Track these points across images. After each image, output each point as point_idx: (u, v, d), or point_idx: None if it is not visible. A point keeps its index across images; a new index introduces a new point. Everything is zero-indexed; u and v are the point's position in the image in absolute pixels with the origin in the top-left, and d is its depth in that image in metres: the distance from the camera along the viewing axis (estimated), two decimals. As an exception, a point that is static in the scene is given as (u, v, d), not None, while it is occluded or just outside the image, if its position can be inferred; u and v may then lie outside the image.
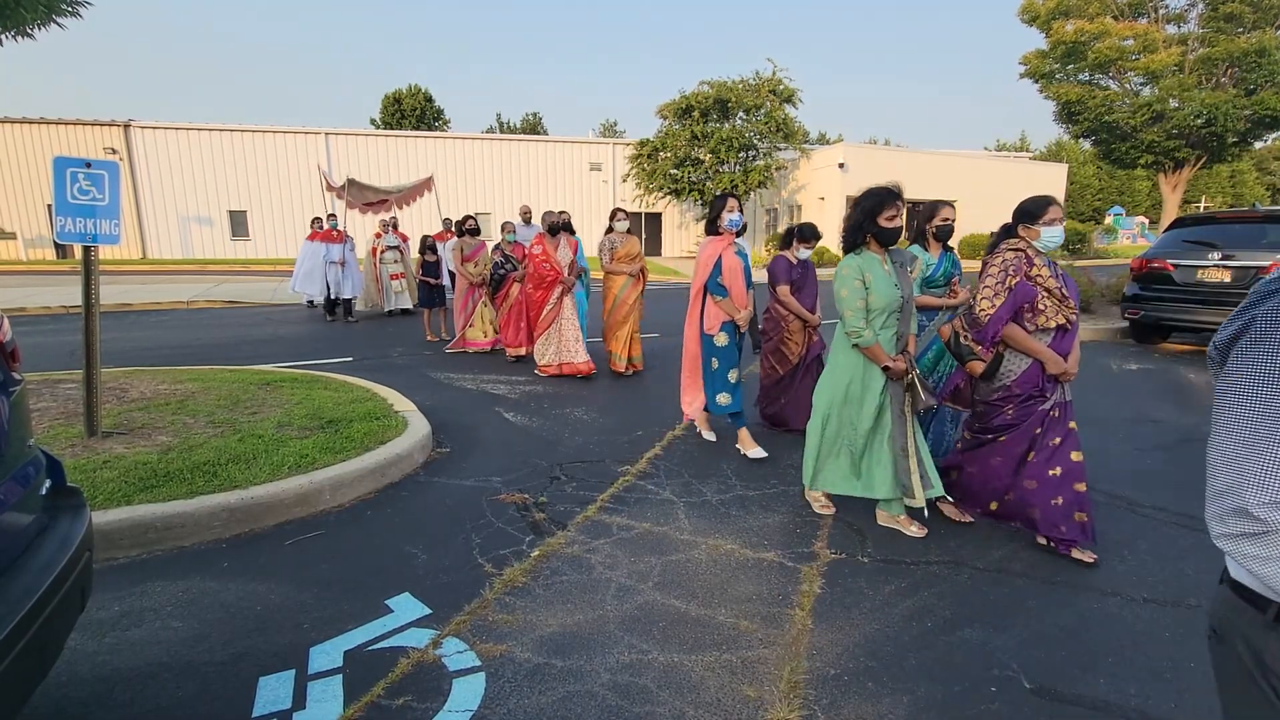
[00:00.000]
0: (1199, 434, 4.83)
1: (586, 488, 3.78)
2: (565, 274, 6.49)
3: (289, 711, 1.99)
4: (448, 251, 9.11)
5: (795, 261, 4.79)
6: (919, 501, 3.06)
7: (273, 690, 2.08)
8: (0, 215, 24.44)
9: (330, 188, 11.45)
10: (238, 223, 26.78)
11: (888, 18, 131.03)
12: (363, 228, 18.70)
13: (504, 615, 2.50)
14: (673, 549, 3.06)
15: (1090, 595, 2.68)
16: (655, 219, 30.27)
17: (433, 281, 9.11)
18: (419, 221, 18.30)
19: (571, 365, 6.51)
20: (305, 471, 3.53)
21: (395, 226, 11.58)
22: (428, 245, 9.36)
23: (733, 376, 4.33)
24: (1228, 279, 7.42)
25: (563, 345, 6.53)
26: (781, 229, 29.48)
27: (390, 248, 11.20)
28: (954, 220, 3.68)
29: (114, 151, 24.48)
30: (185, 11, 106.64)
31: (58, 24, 7.32)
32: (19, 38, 7.19)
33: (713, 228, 4.35)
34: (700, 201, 26.26)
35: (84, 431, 3.87)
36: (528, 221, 8.86)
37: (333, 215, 11.07)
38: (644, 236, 28.89)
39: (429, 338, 8.90)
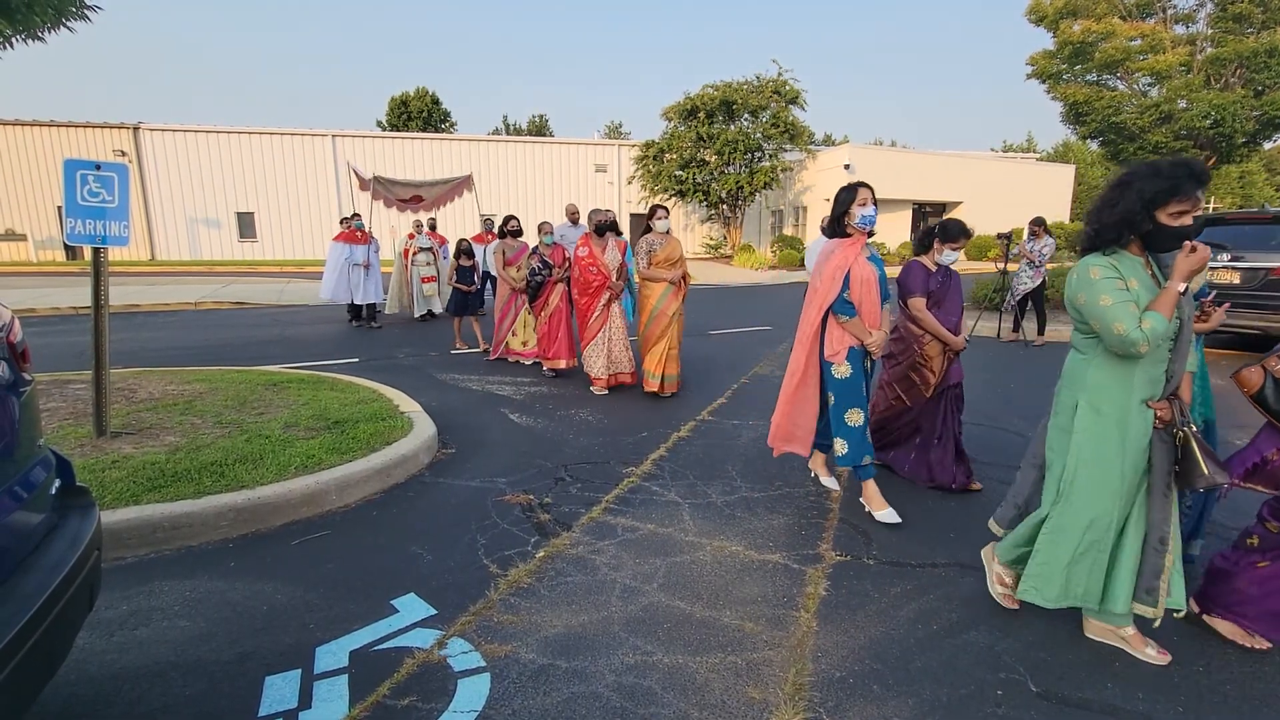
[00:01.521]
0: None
1: (591, 489, 3.79)
2: (613, 278, 5.97)
3: (295, 711, 2.00)
4: (488, 254, 8.45)
5: (935, 268, 3.85)
6: (1157, 612, 2.22)
7: (279, 690, 2.09)
8: (10, 217, 24.66)
9: (364, 186, 10.78)
10: (245, 224, 26.94)
11: (893, 18, 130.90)
12: (387, 224, 18.65)
13: (509, 616, 2.51)
14: (678, 550, 3.06)
15: (1097, 598, 2.66)
16: (660, 220, 30.31)
17: (466, 288, 8.46)
18: (448, 222, 18.26)
19: (620, 376, 6.07)
20: (311, 472, 3.54)
21: (434, 228, 11.11)
22: (463, 249, 8.71)
23: (853, 418, 3.39)
24: (1237, 280, 7.38)
25: (613, 355, 6.02)
26: (790, 230, 29.51)
27: (423, 249, 10.69)
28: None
29: (123, 154, 24.67)
30: (191, 15, 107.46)
31: (67, 27, 7.40)
32: (29, 41, 7.27)
33: (838, 227, 3.43)
34: (705, 203, 26.23)
35: (93, 431, 3.90)
36: (575, 222, 8.24)
37: (357, 215, 10.41)
38: (649, 238, 28.87)
39: (458, 345, 8.38)
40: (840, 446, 3.42)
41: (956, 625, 2.48)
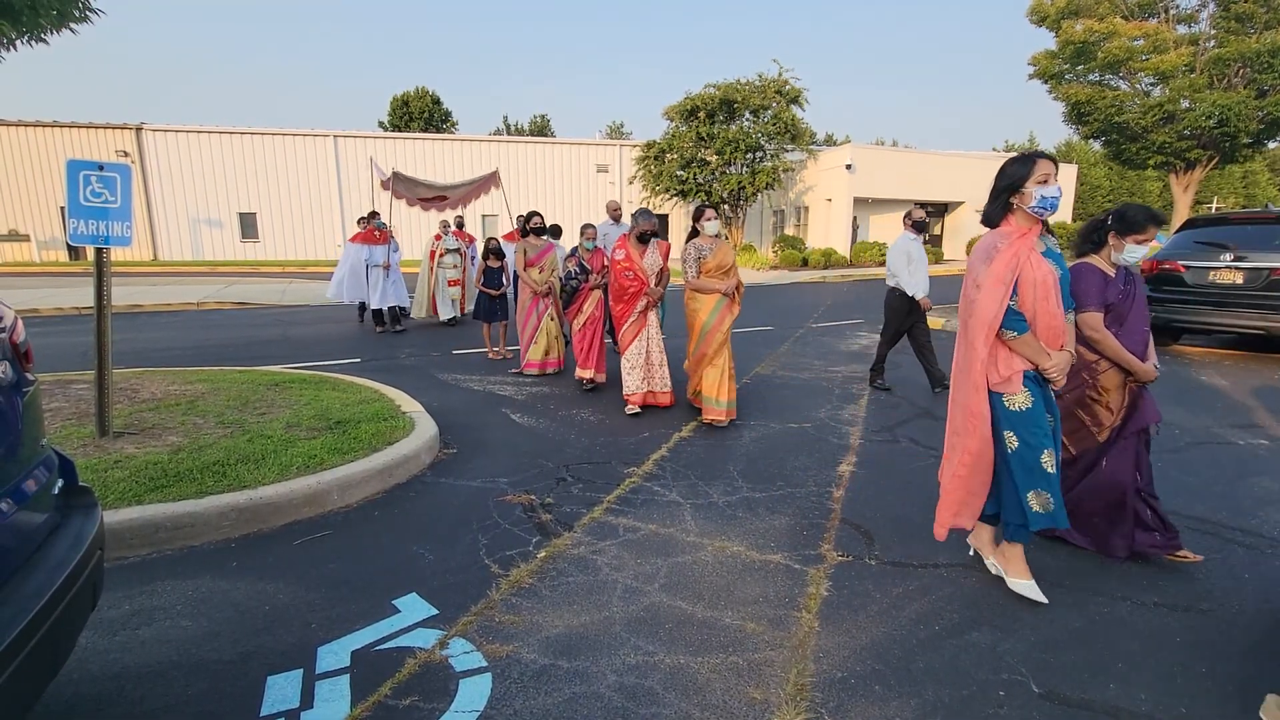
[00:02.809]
0: (1210, 437, 4.78)
1: (593, 489, 3.78)
2: (651, 284, 5.36)
3: (297, 710, 2.00)
4: (513, 254, 7.71)
5: (1113, 272, 2.88)
6: None
7: (281, 689, 2.10)
8: (14, 217, 24.73)
9: (385, 185, 10.34)
10: (247, 225, 27.01)
11: (894, 19, 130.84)
12: (413, 223, 18.26)
13: (510, 616, 2.51)
14: (679, 551, 3.06)
15: (1100, 599, 2.66)
16: (661, 220, 30.37)
17: (494, 292, 7.70)
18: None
19: (655, 396, 5.48)
20: (313, 472, 3.55)
21: (460, 227, 10.61)
22: (492, 249, 7.89)
23: (1049, 462, 2.52)
24: (1240, 280, 7.35)
25: (650, 371, 5.46)
26: (791, 230, 29.42)
27: (450, 250, 10.20)
28: None
29: (126, 154, 24.73)
30: (193, 16, 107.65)
31: (70, 29, 7.41)
32: (33, 42, 7.28)
33: (1001, 211, 2.59)
34: (706, 203, 26.20)
35: (95, 431, 3.90)
36: (617, 220, 7.85)
37: (375, 214, 9.85)
38: (651, 238, 28.88)
39: (491, 355, 7.72)
40: (1038, 501, 2.52)
41: (959, 626, 2.48)
